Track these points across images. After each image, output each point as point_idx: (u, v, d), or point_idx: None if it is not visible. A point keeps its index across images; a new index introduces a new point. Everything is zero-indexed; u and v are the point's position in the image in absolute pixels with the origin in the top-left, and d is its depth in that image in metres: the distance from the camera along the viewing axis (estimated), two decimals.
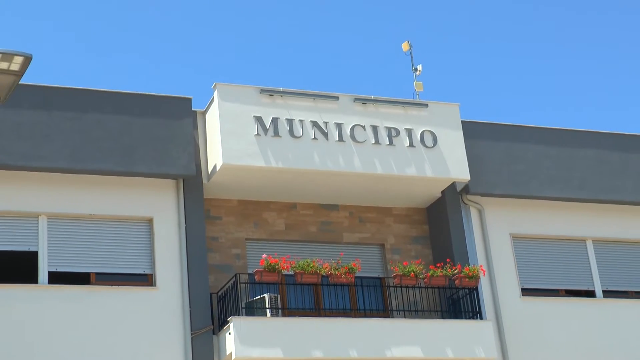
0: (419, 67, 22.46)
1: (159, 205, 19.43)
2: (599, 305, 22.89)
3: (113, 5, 55.06)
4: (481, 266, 20.24)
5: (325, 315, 19.58)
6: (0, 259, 18.19)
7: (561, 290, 22.76)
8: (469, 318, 20.31)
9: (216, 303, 19.19)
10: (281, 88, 19.93)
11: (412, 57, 22.53)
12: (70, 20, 54.84)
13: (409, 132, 20.41)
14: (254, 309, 18.64)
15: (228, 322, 18.03)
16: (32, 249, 18.21)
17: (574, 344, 21.98)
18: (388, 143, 20.16)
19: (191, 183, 19.56)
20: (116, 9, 54.16)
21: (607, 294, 22.97)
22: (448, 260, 20.40)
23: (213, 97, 19.53)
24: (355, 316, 19.92)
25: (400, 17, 57.10)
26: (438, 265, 19.99)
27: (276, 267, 18.44)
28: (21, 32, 54.80)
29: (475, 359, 19.97)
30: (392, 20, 59.15)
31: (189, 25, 55.57)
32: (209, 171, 19.63)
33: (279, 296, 18.87)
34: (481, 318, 20.26)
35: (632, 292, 23.63)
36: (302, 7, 58.61)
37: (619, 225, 23.61)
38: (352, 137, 19.91)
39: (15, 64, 10.97)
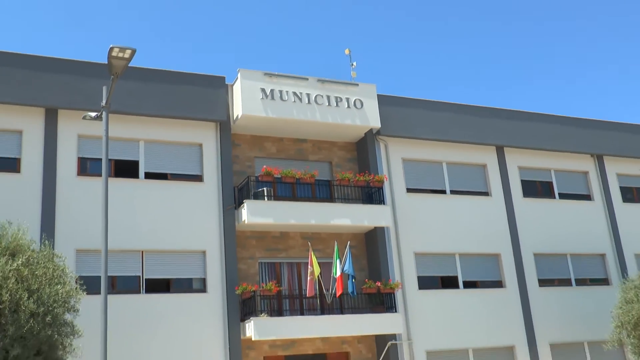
0: (354, 63, 24.32)
1: (206, 136, 21.97)
2: (454, 202, 25.49)
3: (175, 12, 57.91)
4: (385, 176, 23.19)
5: (297, 201, 22.13)
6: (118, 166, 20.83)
7: (433, 189, 25.25)
8: (378, 203, 22.88)
9: (237, 192, 21.79)
10: (275, 72, 22.30)
11: (350, 57, 24.61)
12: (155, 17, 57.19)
13: (347, 99, 23.12)
14: (257, 196, 21.39)
15: (243, 203, 20.93)
16: (135, 159, 21.12)
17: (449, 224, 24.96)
18: (335, 105, 22.83)
19: (224, 124, 22.16)
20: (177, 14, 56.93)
21: (454, 192, 25.47)
22: (366, 172, 23.47)
23: (237, 76, 22.10)
24: (314, 201, 22.40)
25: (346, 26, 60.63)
26: (361, 174, 22.91)
27: (271, 173, 21.32)
28: (122, 27, 57.63)
29: (379, 226, 22.86)
30: (342, 27, 62.78)
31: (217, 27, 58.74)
32: (234, 118, 22.11)
33: (271, 189, 21.50)
34: (385, 204, 23.03)
35: (474, 191, 26.09)
36: (292, 11, 62.20)
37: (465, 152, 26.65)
38: (316, 101, 22.55)
39: (126, 54, 13.26)
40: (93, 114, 15.38)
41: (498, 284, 25.33)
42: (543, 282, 26.10)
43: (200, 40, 63.32)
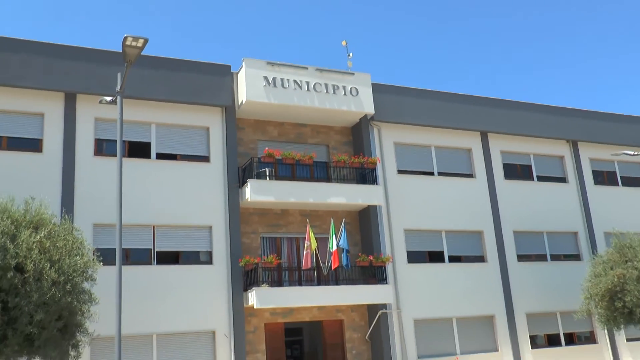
0: (350, 54, 24.20)
1: (213, 120, 21.93)
2: (441, 183, 25.32)
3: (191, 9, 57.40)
4: (378, 158, 23.14)
5: (296, 180, 22.10)
6: (132, 147, 20.79)
7: (422, 171, 25.17)
8: (372, 184, 22.88)
9: (241, 172, 21.80)
10: (277, 61, 22.23)
11: (347, 48, 24.38)
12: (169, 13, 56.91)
13: (344, 87, 23.02)
14: (260, 176, 21.40)
15: (247, 182, 20.94)
16: (147, 140, 21.06)
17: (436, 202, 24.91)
18: (333, 92, 22.74)
19: (229, 109, 22.09)
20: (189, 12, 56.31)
21: (441, 174, 25.43)
22: (361, 154, 23.47)
23: (242, 65, 21.95)
24: (312, 181, 22.32)
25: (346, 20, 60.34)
26: (355, 157, 23.05)
27: (272, 155, 21.36)
28: (136, 19, 57.32)
29: (372, 204, 22.82)
30: (341, 20, 62.49)
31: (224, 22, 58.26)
32: (239, 103, 21.99)
33: (273, 170, 21.55)
34: (377, 184, 22.93)
35: (461, 173, 26.28)
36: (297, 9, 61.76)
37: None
38: (314, 89, 22.46)
39: (139, 43, 13.27)
40: (108, 99, 15.34)
41: (480, 258, 25.46)
42: (521, 257, 26.27)
43: (207, 31, 63.11)
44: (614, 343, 26.58)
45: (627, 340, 27.07)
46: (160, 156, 21.26)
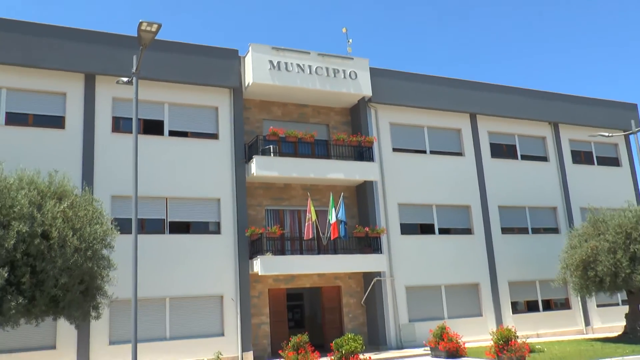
0: (350, 40, 24.42)
1: (221, 100, 21.72)
2: (433, 160, 25.18)
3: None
4: (374, 137, 23.08)
5: (299, 157, 21.92)
6: (146, 125, 20.43)
7: (415, 149, 25.00)
8: (368, 161, 22.84)
9: (247, 149, 21.71)
10: (282, 46, 22.09)
11: (347, 35, 24.35)
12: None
13: (343, 71, 22.94)
14: (265, 153, 21.34)
15: (253, 158, 20.86)
16: (160, 119, 20.84)
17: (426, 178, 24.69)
18: (333, 76, 22.64)
19: (237, 90, 21.91)
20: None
21: (433, 152, 25.19)
22: (358, 133, 23.39)
23: (249, 50, 21.82)
24: (313, 158, 22.22)
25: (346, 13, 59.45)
26: (353, 136, 22.91)
27: (276, 133, 21.32)
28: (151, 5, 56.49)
29: (368, 180, 22.81)
30: (342, 12, 61.82)
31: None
32: (246, 85, 21.89)
33: (277, 147, 21.45)
34: (374, 161, 22.92)
35: (453, 152, 26.33)
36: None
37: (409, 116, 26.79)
38: (316, 72, 22.33)
39: (153, 28, 13.13)
40: (125, 80, 15.27)
41: (467, 231, 25.53)
42: (505, 230, 26.37)
43: (215, 17, 62.58)
44: (586, 308, 26.84)
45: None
46: (172, 133, 21.17)
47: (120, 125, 20.43)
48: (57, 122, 19.48)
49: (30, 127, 19.00)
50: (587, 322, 26.68)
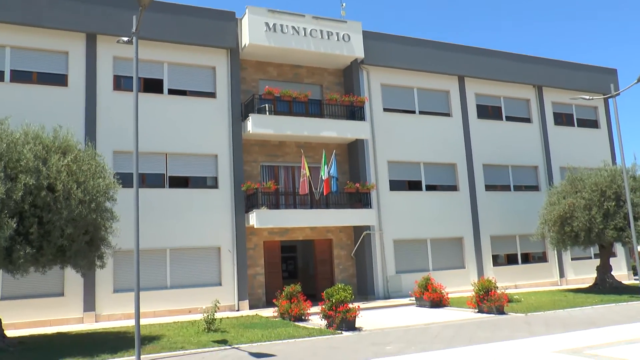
0: (344, 4, 24.19)
1: (219, 61, 21.58)
2: (422, 120, 25.20)
3: None
4: (366, 97, 23.26)
5: (293, 116, 21.86)
6: (146, 83, 20.41)
7: (405, 110, 24.97)
8: (360, 120, 22.87)
9: (243, 107, 21.63)
10: (277, 9, 21.90)
11: None
12: None
13: (337, 33, 22.70)
14: (260, 111, 21.31)
15: (249, 116, 20.87)
16: (160, 77, 20.68)
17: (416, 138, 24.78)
18: (327, 38, 22.43)
19: (234, 51, 21.77)
20: None
21: (422, 112, 25.19)
22: (351, 93, 23.32)
23: (245, 12, 21.65)
24: (307, 117, 22.08)
25: None
26: (346, 96, 22.86)
27: (272, 92, 21.31)
28: None
29: (359, 138, 22.96)
30: None
31: None
32: (242, 46, 21.73)
33: (272, 106, 21.45)
34: (365, 120, 22.96)
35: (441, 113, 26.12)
36: None
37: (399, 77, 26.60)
38: (310, 34, 22.10)
39: None
40: (125, 39, 14.90)
41: (453, 187, 25.68)
42: (488, 187, 26.53)
43: None
44: (562, 262, 27.24)
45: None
46: (171, 92, 21.05)
47: (121, 83, 20.26)
48: (60, 79, 19.30)
49: (35, 85, 18.82)
50: (562, 274, 27.09)
